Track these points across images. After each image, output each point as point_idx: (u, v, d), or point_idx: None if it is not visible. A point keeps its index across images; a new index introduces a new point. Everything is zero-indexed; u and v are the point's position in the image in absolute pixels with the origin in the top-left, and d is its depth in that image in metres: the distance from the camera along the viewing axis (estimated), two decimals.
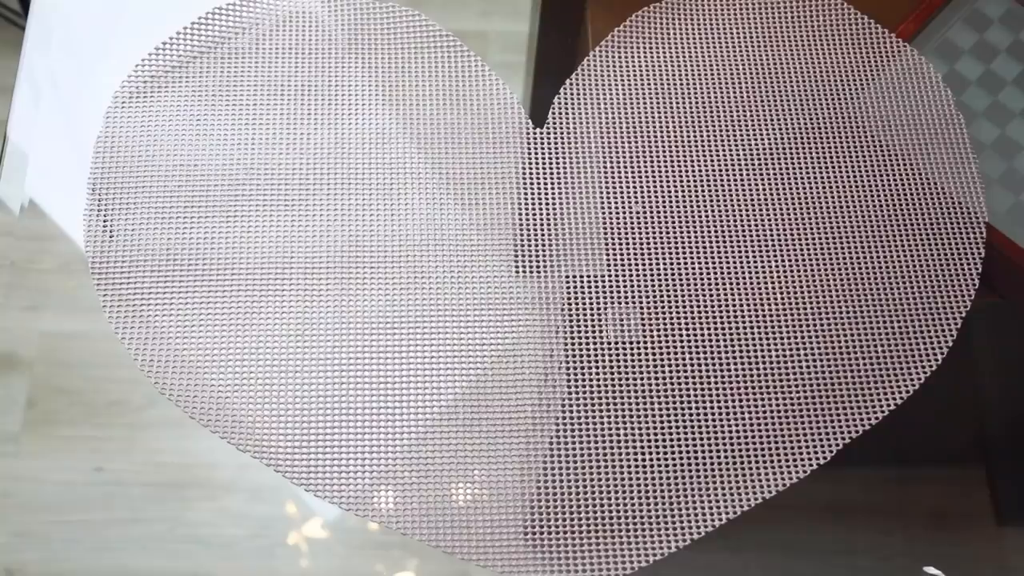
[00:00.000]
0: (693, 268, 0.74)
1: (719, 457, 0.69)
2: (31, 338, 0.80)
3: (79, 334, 0.77)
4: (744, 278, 0.74)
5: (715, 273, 0.74)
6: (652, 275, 0.73)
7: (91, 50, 0.83)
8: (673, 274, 0.73)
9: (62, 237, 0.76)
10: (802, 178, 0.78)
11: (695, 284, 0.73)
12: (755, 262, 0.74)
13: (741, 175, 0.77)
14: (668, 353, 0.71)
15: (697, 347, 0.72)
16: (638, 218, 0.75)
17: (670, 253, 0.74)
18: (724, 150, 0.78)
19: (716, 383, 0.71)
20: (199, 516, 0.75)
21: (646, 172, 0.77)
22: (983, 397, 0.80)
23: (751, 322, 0.72)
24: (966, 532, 0.75)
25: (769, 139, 0.79)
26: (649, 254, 0.74)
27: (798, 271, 0.75)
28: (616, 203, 0.75)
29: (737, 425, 0.70)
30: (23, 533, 0.75)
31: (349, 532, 0.75)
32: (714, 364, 0.71)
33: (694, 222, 0.75)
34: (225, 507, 0.75)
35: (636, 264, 0.73)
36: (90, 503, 0.75)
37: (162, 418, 0.73)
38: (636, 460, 0.69)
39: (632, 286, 0.73)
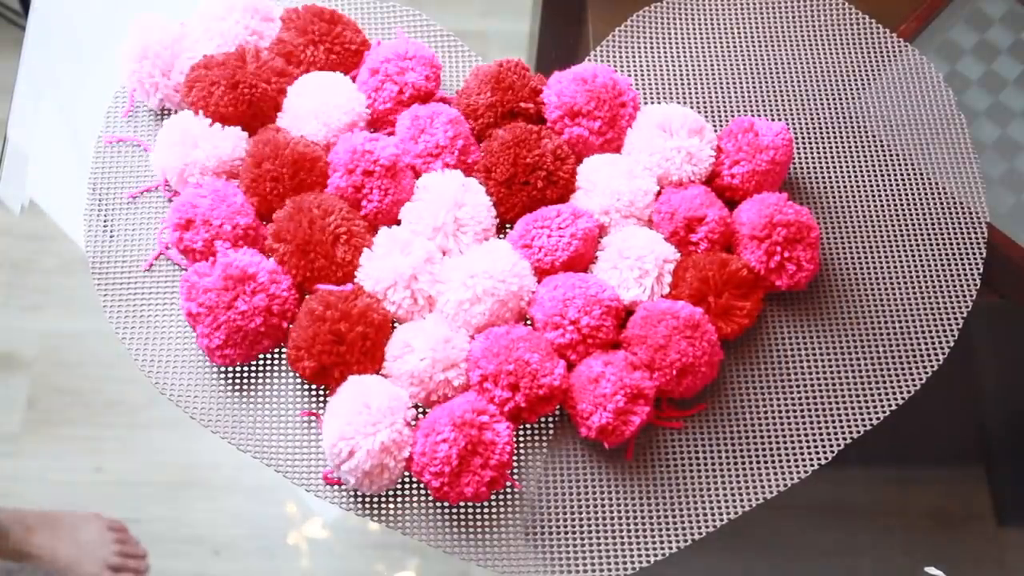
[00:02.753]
0: None
1: (719, 457, 0.69)
2: (31, 338, 0.80)
3: (79, 334, 0.77)
4: None
5: None
6: None
7: (91, 50, 0.83)
8: None
9: (62, 237, 0.76)
10: (802, 178, 0.78)
11: None
12: None
13: None
14: None
15: None
16: None
17: None
18: None
19: (716, 384, 0.71)
20: (199, 516, 0.75)
21: None
22: (983, 397, 0.80)
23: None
24: (966, 532, 0.75)
25: None
26: None
27: None
28: None
29: (737, 425, 0.70)
30: None
31: (349, 532, 0.75)
32: None
33: None
34: (225, 507, 0.75)
35: None
36: (90, 503, 0.75)
37: (162, 418, 0.73)
38: (637, 460, 0.69)
39: None
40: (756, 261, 0.71)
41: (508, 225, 0.74)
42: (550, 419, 0.69)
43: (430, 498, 0.67)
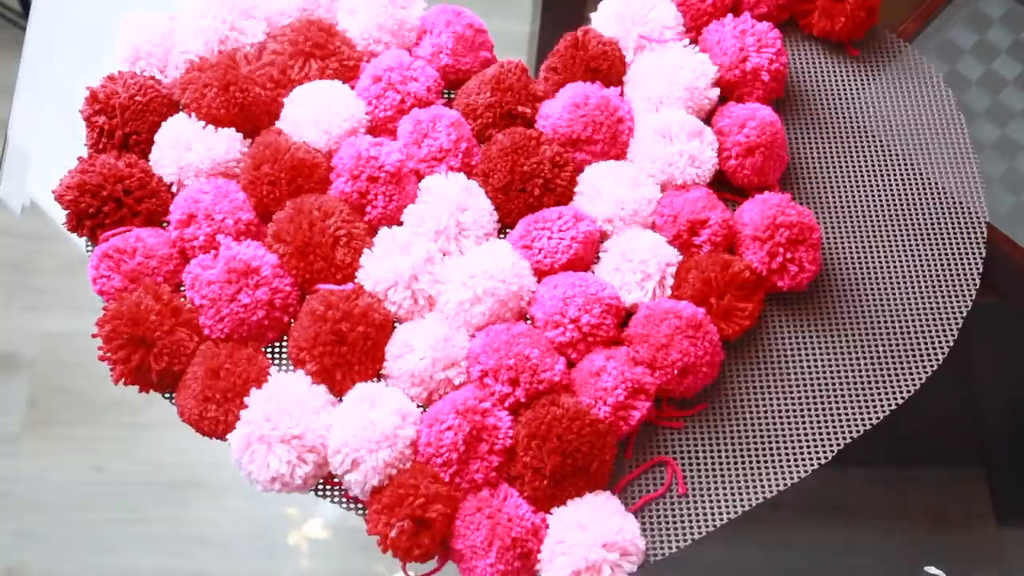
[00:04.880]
0: None
1: (719, 457, 0.69)
2: (32, 338, 0.80)
3: (79, 334, 0.76)
4: None
5: None
6: None
7: (91, 50, 0.83)
8: None
9: (62, 237, 0.76)
10: (803, 178, 0.78)
11: None
12: None
13: None
14: None
15: None
16: None
17: None
18: None
19: (717, 384, 0.71)
20: (199, 516, 0.75)
21: None
22: (983, 397, 0.80)
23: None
24: (966, 532, 0.75)
25: None
26: None
27: None
28: None
29: (737, 425, 0.70)
30: (23, 533, 0.75)
31: (349, 532, 0.75)
32: None
33: None
34: (225, 507, 0.75)
35: None
36: (90, 503, 0.75)
37: (162, 418, 0.73)
38: (637, 459, 0.69)
39: None
40: (758, 262, 0.71)
41: (508, 227, 0.74)
42: None
43: None
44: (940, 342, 0.73)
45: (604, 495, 0.65)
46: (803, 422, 0.70)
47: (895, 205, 0.77)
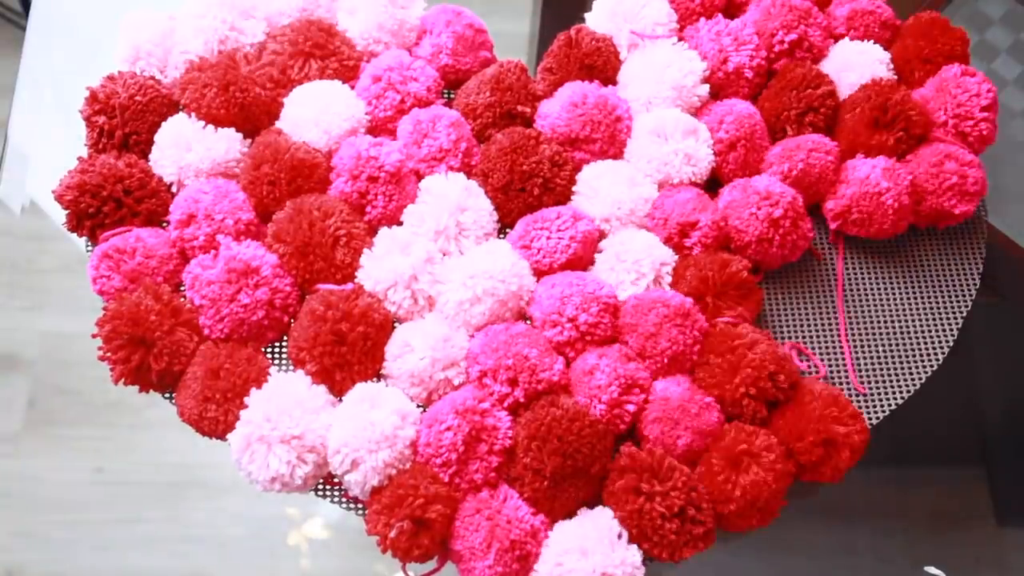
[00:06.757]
0: None
1: None
2: (32, 338, 0.80)
3: (79, 334, 0.77)
4: None
5: None
6: None
7: (91, 50, 0.83)
8: None
9: (62, 237, 0.76)
10: None
11: None
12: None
13: None
14: None
15: None
16: None
17: None
18: None
19: None
20: (199, 516, 0.75)
21: None
22: (983, 397, 0.80)
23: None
24: (966, 532, 0.75)
25: None
26: None
27: (798, 271, 0.75)
28: None
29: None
30: (23, 533, 0.75)
31: (350, 532, 0.75)
32: None
33: None
34: (225, 507, 0.75)
35: None
36: (90, 503, 0.75)
37: (162, 418, 0.73)
38: None
39: None
40: (774, 257, 0.71)
41: (508, 227, 0.74)
42: None
43: None
44: (940, 342, 0.73)
45: (609, 518, 0.64)
46: None
47: None
